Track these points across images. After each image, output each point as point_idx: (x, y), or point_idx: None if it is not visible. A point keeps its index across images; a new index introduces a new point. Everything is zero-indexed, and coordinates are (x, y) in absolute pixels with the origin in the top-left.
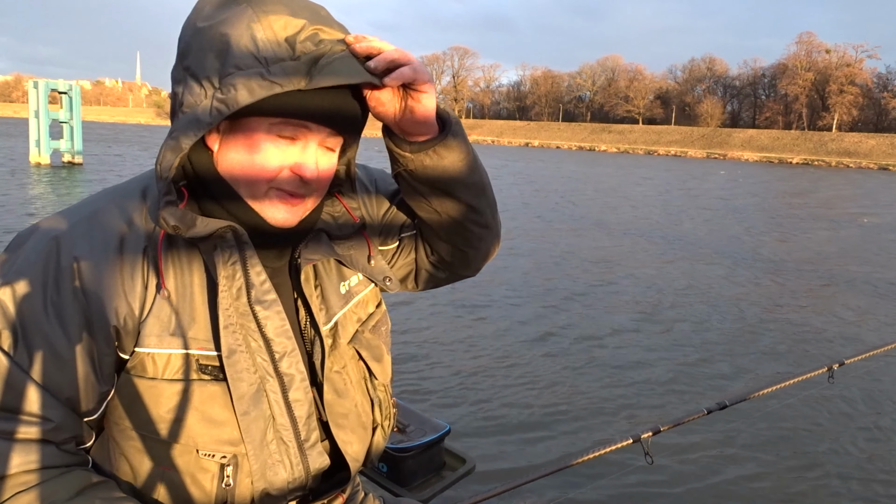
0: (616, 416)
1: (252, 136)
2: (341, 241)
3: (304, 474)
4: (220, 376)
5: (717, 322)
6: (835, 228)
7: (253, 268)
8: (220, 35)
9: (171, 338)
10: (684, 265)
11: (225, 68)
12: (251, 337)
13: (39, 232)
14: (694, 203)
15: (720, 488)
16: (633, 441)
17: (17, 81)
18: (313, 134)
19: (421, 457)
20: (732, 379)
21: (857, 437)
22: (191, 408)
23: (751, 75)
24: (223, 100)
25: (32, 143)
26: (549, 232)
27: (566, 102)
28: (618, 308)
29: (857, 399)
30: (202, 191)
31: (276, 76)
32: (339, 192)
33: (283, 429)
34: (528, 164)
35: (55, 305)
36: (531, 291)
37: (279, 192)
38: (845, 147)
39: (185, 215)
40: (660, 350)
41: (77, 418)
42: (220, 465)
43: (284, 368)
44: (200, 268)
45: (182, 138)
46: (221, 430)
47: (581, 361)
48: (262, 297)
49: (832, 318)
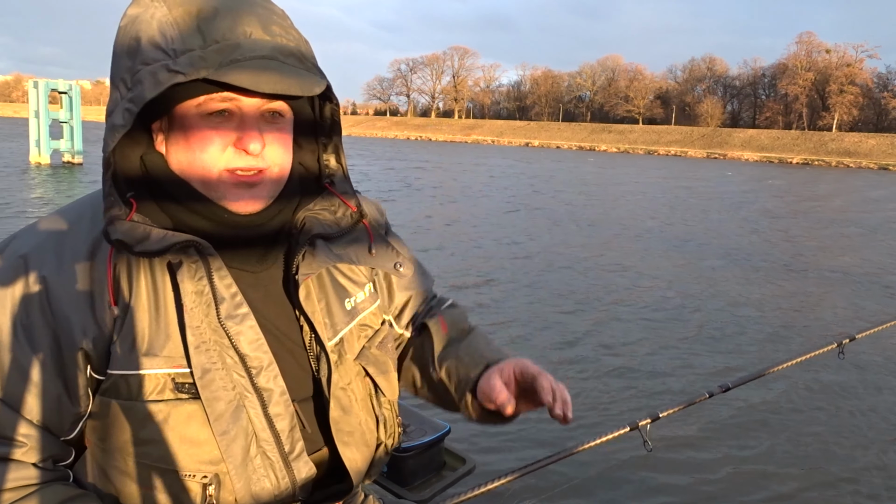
0: (616, 410)
1: (186, 126)
2: (339, 238)
3: (291, 486)
4: (197, 394)
5: (729, 316)
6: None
7: (221, 280)
8: (132, 34)
9: (144, 358)
10: (712, 263)
11: (135, 66)
12: (226, 353)
13: (10, 248)
14: (720, 204)
15: (723, 474)
16: (630, 429)
17: (17, 81)
18: (245, 103)
19: (421, 457)
20: (739, 369)
21: (871, 416)
22: (168, 429)
23: (751, 75)
24: (132, 98)
25: (32, 143)
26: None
27: (566, 102)
28: (618, 301)
29: (867, 376)
30: (162, 192)
31: (181, 65)
32: (329, 183)
33: (266, 444)
34: (542, 166)
35: (24, 327)
36: (531, 291)
37: (231, 175)
38: (845, 147)
39: (135, 228)
40: (661, 341)
41: (53, 438)
42: (203, 485)
43: (262, 383)
44: (169, 283)
45: (105, 149)
46: (201, 450)
47: (580, 357)
48: (233, 312)
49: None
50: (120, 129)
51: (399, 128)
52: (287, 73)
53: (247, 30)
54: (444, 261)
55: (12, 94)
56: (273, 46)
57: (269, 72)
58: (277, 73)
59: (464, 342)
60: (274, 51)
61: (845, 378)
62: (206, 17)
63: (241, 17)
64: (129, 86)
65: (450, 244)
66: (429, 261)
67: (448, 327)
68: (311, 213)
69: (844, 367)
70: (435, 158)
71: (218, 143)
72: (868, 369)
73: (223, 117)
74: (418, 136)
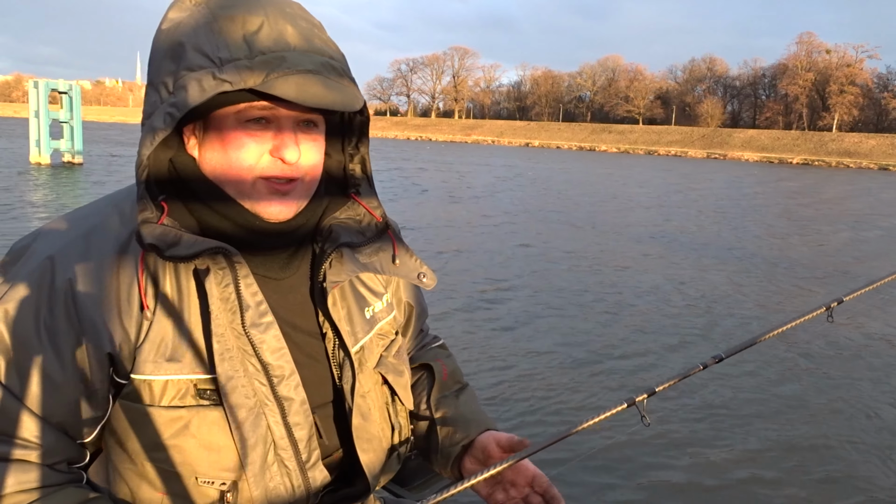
0: (615, 390)
1: (223, 131)
2: (365, 248)
3: (306, 493)
4: (218, 401)
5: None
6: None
7: (247, 287)
8: (176, 38)
9: (168, 363)
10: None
11: (178, 70)
12: (249, 361)
13: (35, 248)
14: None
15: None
16: (627, 405)
17: (17, 81)
18: (284, 112)
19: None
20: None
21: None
22: (189, 435)
23: (751, 75)
24: (174, 103)
25: (32, 143)
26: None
27: (566, 102)
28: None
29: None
30: (191, 196)
31: (228, 74)
32: (355, 192)
33: (284, 452)
34: (553, 167)
35: (48, 329)
36: (530, 291)
37: (266, 182)
38: (845, 147)
39: (167, 233)
40: (654, 324)
41: (70, 441)
42: (221, 491)
43: (283, 392)
44: (195, 288)
45: (142, 150)
46: (221, 457)
47: (580, 353)
48: (257, 320)
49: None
50: (160, 133)
51: (399, 128)
52: (331, 88)
53: (290, 42)
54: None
55: (12, 94)
56: (317, 61)
57: (314, 86)
58: (322, 86)
59: (461, 396)
60: (318, 65)
61: (836, 342)
62: (251, 28)
63: (285, 29)
64: (170, 90)
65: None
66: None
67: (448, 376)
68: (337, 221)
69: (834, 331)
70: (438, 158)
71: (255, 150)
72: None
73: (261, 125)
74: (418, 136)
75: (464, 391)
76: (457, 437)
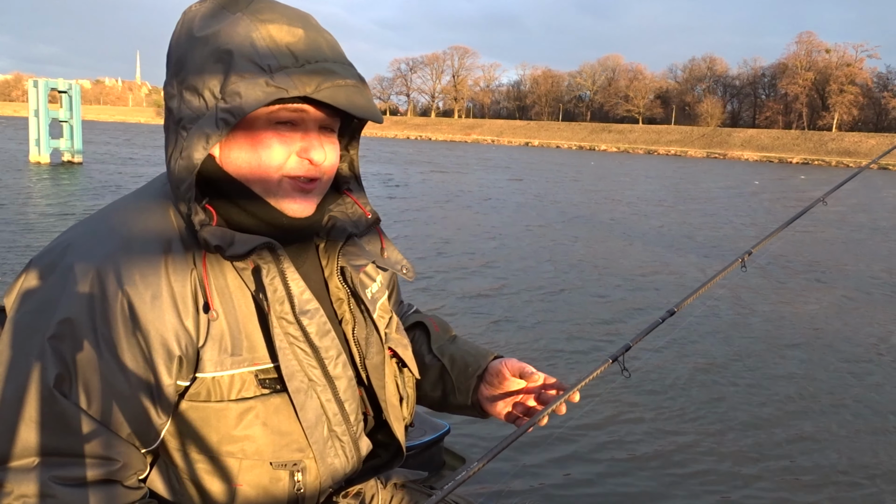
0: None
1: (253, 132)
2: (361, 238)
3: (357, 463)
4: (279, 388)
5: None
6: None
7: (292, 279)
8: (219, 44)
9: (230, 358)
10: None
11: (227, 77)
12: (298, 346)
13: (72, 263)
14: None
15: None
16: (612, 361)
17: (17, 80)
18: (312, 115)
19: (421, 456)
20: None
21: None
22: (259, 423)
23: (751, 75)
24: (228, 109)
25: (32, 142)
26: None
27: (566, 102)
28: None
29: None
30: (214, 194)
31: (282, 82)
32: (347, 189)
33: (339, 427)
34: (561, 168)
35: (107, 342)
36: (529, 291)
37: (292, 181)
38: (845, 147)
39: (224, 233)
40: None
41: (138, 452)
42: (291, 472)
43: (333, 371)
44: (242, 283)
45: (194, 154)
46: (290, 440)
47: (579, 349)
48: (304, 308)
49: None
50: (215, 138)
51: (399, 127)
52: (368, 99)
53: (326, 53)
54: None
55: (12, 94)
56: (354, 73)
57: (357, 96)
58: (363, 98)
59: (457, 341)
60: (356, 77)
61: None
62: (292, 38)
63: (318, 43)
64: (218, 95)
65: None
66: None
67: (439, 328)
68: (334, 215)
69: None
70: (439, 158)
71: (283, 151)
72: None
73: (289, 127)
74: (418, 135)
75: (456, 339)
76: (469, 370)
